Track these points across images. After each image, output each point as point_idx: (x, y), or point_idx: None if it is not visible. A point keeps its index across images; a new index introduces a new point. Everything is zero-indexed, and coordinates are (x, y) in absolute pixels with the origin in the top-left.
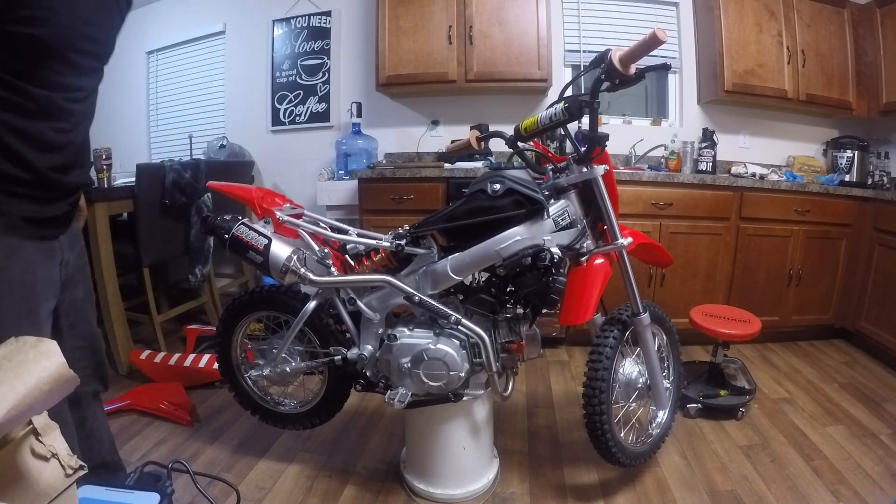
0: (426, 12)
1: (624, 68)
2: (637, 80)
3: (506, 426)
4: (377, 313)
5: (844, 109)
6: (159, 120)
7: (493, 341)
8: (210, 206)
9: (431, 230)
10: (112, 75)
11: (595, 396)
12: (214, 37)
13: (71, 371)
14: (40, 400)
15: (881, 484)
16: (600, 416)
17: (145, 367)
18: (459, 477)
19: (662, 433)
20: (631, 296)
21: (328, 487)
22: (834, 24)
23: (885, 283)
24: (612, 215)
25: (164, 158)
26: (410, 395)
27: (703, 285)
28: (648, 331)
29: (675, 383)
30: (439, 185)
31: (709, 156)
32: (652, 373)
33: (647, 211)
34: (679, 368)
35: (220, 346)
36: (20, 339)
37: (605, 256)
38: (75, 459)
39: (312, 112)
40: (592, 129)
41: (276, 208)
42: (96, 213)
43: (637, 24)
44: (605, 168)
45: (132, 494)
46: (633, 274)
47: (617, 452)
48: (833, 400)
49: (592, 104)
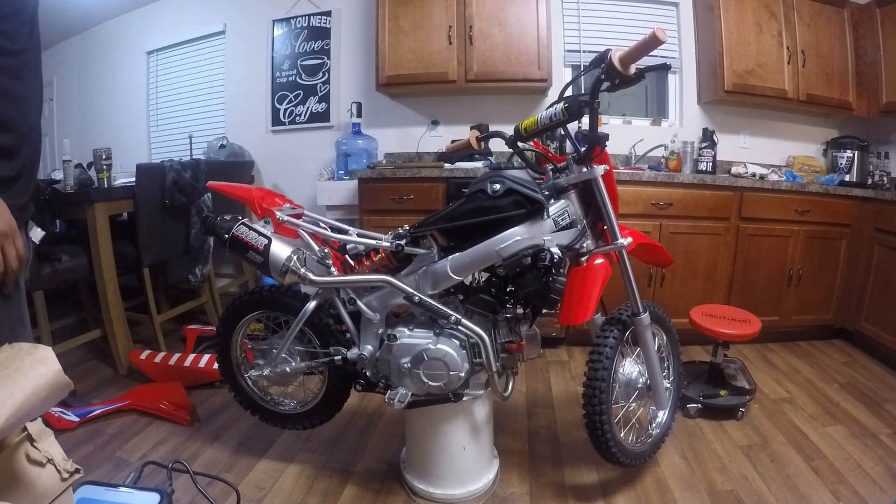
0: (426, 12)
1: (624, 68)
2: (637, 80)
3: (506, 426)
4: (377, 313)
5: (844, 109)
6: (159, 120)
7: (493, 341)
8: (210, 206)
9: (431, 230)
10: (112, 75)
11: (595, 396)
12: (214, 37)
13: (66, 377)
14: (37, 406)
15: (881, 484)
16: (600, 417)
17: (145, 367)
18: (459, 477)
19: (662, 433)
20: (631, 296)
21: (328, 487)
22: (834, 24)
23: (885, 283)
24: (612, 215)
25: (164, 158)
26: (410, 395)
27: (703, 285)
28: (648, 331)
29: (675, 383)
30: (439, 185)
31: (709, 156)
32: (652, 373)
33: (647, 211)
34: (679, 368)
35: (220, 346)
36: (14, 345)
37: (604, 256)
38: (70, 464)
39: (312, 112)
40: (592, 129)
41: (276, 208)
42: (96, 213)
43: (637, 24)
44: (605, 168)
45: (132, 494)
46: (633, 274)
47: (617, 452)
48: (833, 400)
49: (592, 104)
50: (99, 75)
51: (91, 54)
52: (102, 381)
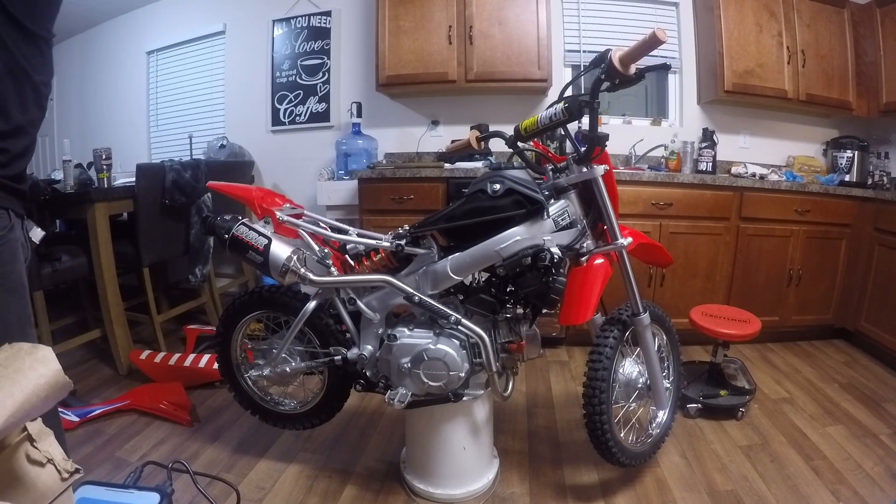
0: (426, 12)
1: (624, 68)
2: (637, 80)
3: (506, 426)
4: (377, 313)
5: (844, 109)
6: (159, 120)
7: (493, 341)
8: (210, 206)
9: (431, 230)
10: (112, 75)
11: (595, 396)
12: (214, 37)
13: (66, 377)
14: (37, 407)
15: (881, 484)
16: (600, 417)
17: (145, 367)
18: (459, 477)
19: (662, 433)
20: (631, 296)
21: (328, 487)
22: (834, 24)
23: (885, 283)
24: (612, 215)
25: (164, 158)
26: (410, 395)
27: (703, 285)
28: (648, 331)
29: (675, 383)
30: (439, 185)
31: (709, 156)
32: (652, 373)
33: (647, 211)
34: (679, 368)
35: (220, 346)
36: (14, 345)
37: (604, 256)
38: (70, 464)
39: (312, 112)
40: (592, 129)
41: (276, 208)
42: (96, 213)
43: (637, 24)
44: (605, 168)
45: (132, 494)
46: (633, 274)
47: (617, 452)
48: (833, 400)
49: (592, 104)
50: (99, 75)
51: (91, 54)
52: (102, 381)
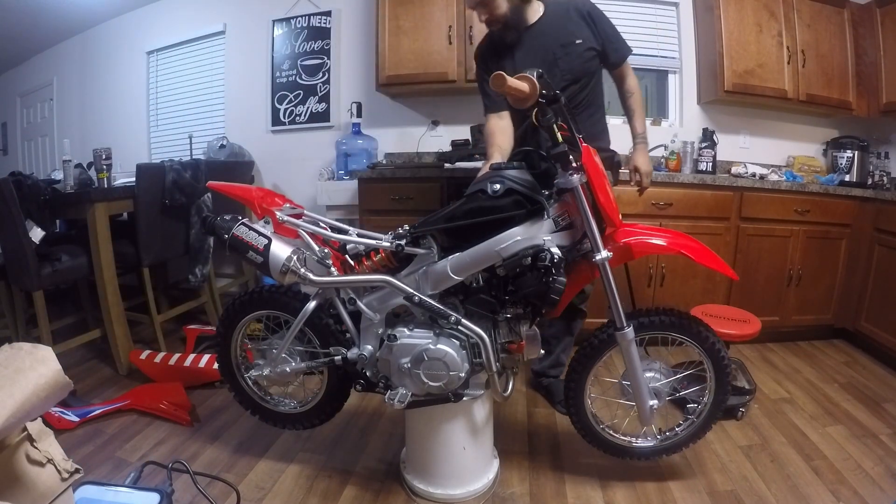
0: (426, 12)
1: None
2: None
3: (506, 426)
4: (377, 313)
5: (844, 109)
6: (159, 120)
7: (493, 341)
8: (210, 206)
9: (431, 230)
10: (112, 75)
11: (571, 398)
12: (214, 37)
13: (66, 377)
14: (37, 406)
15: (881, 484)
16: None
17: (145, 367)
18: (459, 477)
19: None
20: (613, 309)
21: (328, 487)
22: (834, 24)
23: (885, 283)
24: (594, 227)
25: (164, 158)
26: (410, 395)
27: (703, 285)
28: (633, 345)
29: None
30: (439, 185)
31: (709, 156)
32: (636, 388)
33: (647, 211)
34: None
35: (220, 346)
36: (14, 345)
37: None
38: (70, 463)
39: (312, 112)
40: (554, 144)
41: (276, 208)
42: (96, 213)
43: (637, 24)
44: (584, 179)
45: (132, 494)
46: (615, 286)
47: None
48: (833, 400)
49: (542, 121)
50: (99, 75)
51: (91, 54)
52: (102, 381)
